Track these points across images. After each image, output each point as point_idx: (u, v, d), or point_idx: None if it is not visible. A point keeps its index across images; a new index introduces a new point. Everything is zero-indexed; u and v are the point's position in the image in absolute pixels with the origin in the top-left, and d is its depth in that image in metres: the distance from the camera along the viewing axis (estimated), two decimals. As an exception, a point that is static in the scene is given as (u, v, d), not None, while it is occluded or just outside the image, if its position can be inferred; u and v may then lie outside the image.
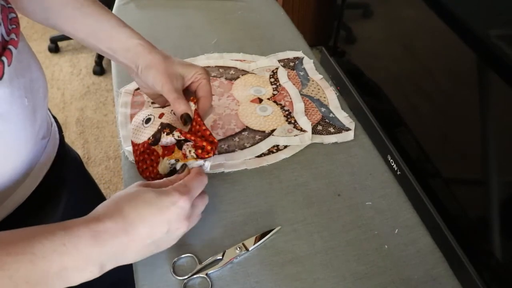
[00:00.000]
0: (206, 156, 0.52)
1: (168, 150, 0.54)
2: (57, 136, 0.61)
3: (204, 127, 0.53)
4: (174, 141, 0.54)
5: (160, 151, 0.55)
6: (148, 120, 0.59)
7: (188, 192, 0.45)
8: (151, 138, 0.56)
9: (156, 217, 0.42)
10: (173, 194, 0.43)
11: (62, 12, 0.54)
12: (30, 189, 0.52)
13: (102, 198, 0.79)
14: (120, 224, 0.40)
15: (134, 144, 0.59)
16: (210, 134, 0.53)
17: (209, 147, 0.51)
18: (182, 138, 0.53)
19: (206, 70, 0.58)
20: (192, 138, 0.52)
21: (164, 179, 0.49)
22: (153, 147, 0.55)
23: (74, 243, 0.37)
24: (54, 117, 0.63)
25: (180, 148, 0.53)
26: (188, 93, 0.58)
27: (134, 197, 0.42)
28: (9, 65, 0.41)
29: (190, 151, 0.52)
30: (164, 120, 0.57)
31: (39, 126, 0.51)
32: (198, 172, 0.49)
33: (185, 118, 0.54)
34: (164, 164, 0.53)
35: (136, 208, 0.41)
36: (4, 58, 0.41)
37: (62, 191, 0.61)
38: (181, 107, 0.54)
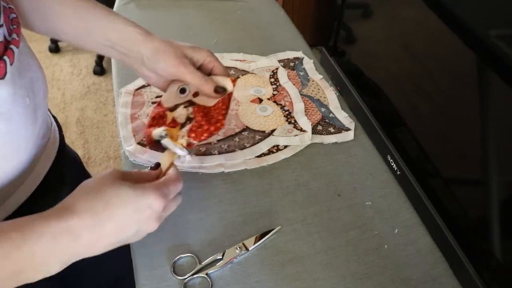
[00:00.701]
0: (199, 139, 0.52)
1: (174, 124, 0.54)
2: (57, 136, 0.61)
3: (224, 110, 0.54)
4: (183, 118, 0.54)
5: (168, 120, 0.55)
6: (183, 91, 0.57)
7: (165, 196, 0.43)
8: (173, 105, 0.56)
9: (128, 217, 0.40)
10: (150, 195, 0.41)
11: (56, 11, 0.53)
12: (30, 189, 0.52)
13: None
14: (88, 221, 0.38)
15: (160, 105, 0.57)
16: (223, 118, 0.53)
17: (206, 128, 0.52)
18: (192, 116, 0.54)
19: (205, 49, 0.58)
20: (199, 117, 0.53)
21: (143, 171, 0.48)
22: (167, 112, 0.55)
23: (31, 246, 0.35)
24: (54, 117, 0.63)
25: (181, 127, 0.53)
26: None
27: (108, 192, 0.40)
28: (11, 64, 0.42)
29: (183, 136, 0.52)
30: (195, 99, 0.56)
31: (40, 126, 0.51)
32: (177, 177, 0.47)
33: (220, 90, 0.55)
34: (157, 131, 0.53)
35: (108, 205, 0.39)
36: (6, 58, 0.41)
37: (63, 191, 0.61)
38: (209, 84, 0.54)
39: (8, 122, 0.43)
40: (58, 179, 0.59)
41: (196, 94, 0.56)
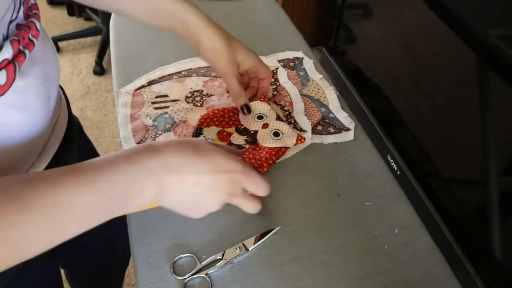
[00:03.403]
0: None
1: (226, 139, 0.64)
2: (66, 111, 0.61)
3: (272, 161, 0.60)
4: (237, 142, 0.63)
5: (234, 139, 0.64)
6: (260, 117, 0.66)
7: (247, 172, 0.45)
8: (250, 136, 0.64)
9: (207, 175, 0.42)
10: (236, 161, 0.44)
11: None
12: (41, 167, 0.52)
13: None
14: (178, 157, 0.41)
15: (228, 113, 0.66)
16: (266, 167, 0.59)
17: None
18: (244, 147, 0.62)
19: (266, 66, 0.66)
20: (247, 155, 0.60)
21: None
22: (234, 133, 0.64)
23: (135, 174, 0.38)
24: (62, 89, 0.63)
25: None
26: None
27: (198, 142, 0.44)
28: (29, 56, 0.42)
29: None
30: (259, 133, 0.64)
31: (52, 109, 0.51)
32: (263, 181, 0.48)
33: (246, 109, 0.63)
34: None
35: (199, 148, 0.42)
36: (27, 51, 0.41)
37: (70, 160, 0.61)
38: (241, 99, 0.63)
39: (24, 112, 0.43)
40: (67, 150, 0.59)
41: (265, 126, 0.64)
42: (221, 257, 0.50)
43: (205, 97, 0.71)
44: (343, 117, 0.70)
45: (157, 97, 0.70)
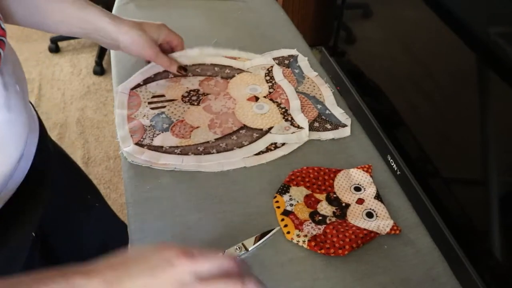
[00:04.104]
0: (313, 249, 0.52)
1: (299, 224, 0.54)
2: (37, 122, 0.61)
3: (355, 245, 0.52)
4: (323, 212, 0.57)
5: (320, 208, 0.57)
6: (357, 189, 0.59)
7: (191, 256, 0.35)
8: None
9: (145, 274, 0.34)
10: (171, 248, 0.36)
11: (39, 3, 0.57)
12: (23, 174, 0.51)
13: (84, 175, 0.78)
14: (108, 276, 0.34)
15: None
16: (348, 249, 0.51)
17: (329, 244, 0.52)
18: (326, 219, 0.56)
19: (162, 25, 0.70)
20: (330, 230, 0.53)
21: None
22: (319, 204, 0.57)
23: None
24: (33, 105, 0.63)
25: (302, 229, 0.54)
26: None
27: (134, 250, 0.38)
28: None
29: (299, 235, 0.53)
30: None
31: (29, 113, 0.52)
32: (219, 256, 0.38)
33: (183, 69, 0.73)
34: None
35: (126, 259, 0.36)
36: (0, 50, 0.42)
37: (48, 172, 0.60)
38: (173, 65, 0.72)
39: (8, 110, 0.44)
40: (44, 161, 0.58)
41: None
42: (221, 257, 0.50)
43: (201, 96, 0.71)
44: (339, 113, 0.70)
45: (153, 97, 0.70)
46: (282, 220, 0.54)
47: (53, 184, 0.61)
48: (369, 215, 0.56)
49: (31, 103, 0.62)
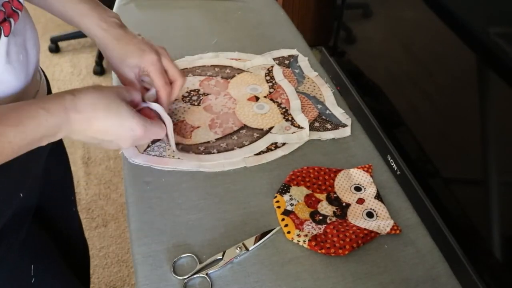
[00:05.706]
0: (313, 248, 0.52)
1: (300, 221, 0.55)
2: (45, 88, 0.62)
3: (356, 244, 0.52)
4: (324, 212, 0.57)
5: (320, 209, 0.57)
6: (358, 189, 0.60)
7: (146, 130, 0.50)
8: None
9: (115, 126, 0.48)
10: (138, 121, 0.49)
11: None
12: None
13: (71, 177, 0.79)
14: (89, 112, 0.46)
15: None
16: (348, 249, 0.52)
17: (329, 243, 0.52)
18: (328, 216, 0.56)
19: (156, 55, 0.58)
20: (330, 230, 0.54)
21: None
22: (323, 200, 0.58)
23: (52, 118, 0.43)
24: (43, 71, 0.64)
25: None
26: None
27: (113, 99, 0.49)
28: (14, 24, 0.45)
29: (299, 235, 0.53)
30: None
31: (31, 79, 0.53)
32: (163, 128, 0.54)
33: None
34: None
35: (109, 108, 0.48)
36: (11, 19, 0.45)
37: (43, 152, 0.61)
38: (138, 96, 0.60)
39: (5, 73, 0.46)
40: None
41: None
42: (221, 257, 0.50)
43: (202, 96, 0.71)
44: (340, 113, 0.70)
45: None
46: (283, 219, 0.54)
47: (46, 171, 0.62)
48: (370, 215, 0.56)
49: (42, 70, 0.63)
